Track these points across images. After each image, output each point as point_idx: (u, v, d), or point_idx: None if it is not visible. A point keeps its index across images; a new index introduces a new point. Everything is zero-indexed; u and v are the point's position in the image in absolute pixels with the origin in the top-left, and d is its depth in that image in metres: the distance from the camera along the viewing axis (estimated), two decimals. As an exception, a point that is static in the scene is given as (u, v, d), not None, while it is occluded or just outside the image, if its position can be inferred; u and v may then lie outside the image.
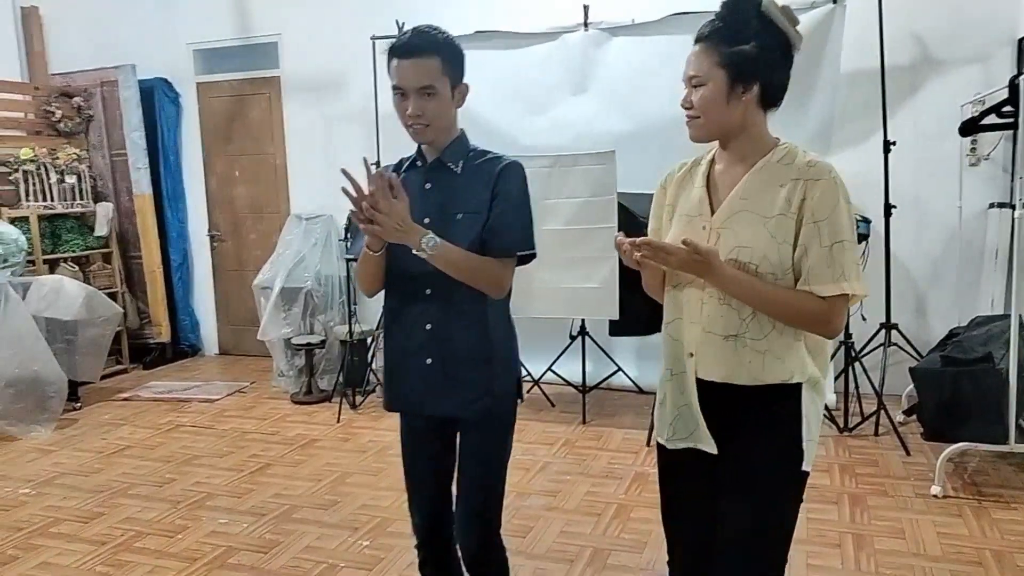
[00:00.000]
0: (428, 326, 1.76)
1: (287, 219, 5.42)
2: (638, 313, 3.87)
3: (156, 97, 5.81)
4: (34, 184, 5.27)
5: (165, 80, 5.87)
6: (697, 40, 1.47)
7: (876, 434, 3.77)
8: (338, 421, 4.33)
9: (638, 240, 1.41)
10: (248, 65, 5.74)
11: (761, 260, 1.41)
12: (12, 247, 4.56)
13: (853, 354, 3.82)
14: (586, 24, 4.50)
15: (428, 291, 1.74)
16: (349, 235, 4.54)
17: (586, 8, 4.47)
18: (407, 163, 1.83)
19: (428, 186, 1.75)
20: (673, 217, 1.59)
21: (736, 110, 1.43)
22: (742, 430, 1.50)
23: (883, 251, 3.94)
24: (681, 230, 1.54)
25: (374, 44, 4.75)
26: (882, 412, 3.76)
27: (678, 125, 1.57)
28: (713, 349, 1.48)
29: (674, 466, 1.62)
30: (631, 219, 3.84)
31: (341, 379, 4.69)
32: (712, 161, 1.56)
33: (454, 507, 1.85)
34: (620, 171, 3.87)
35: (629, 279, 3.84)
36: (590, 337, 4.30)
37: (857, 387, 3.86)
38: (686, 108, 1.47)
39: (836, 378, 4.04)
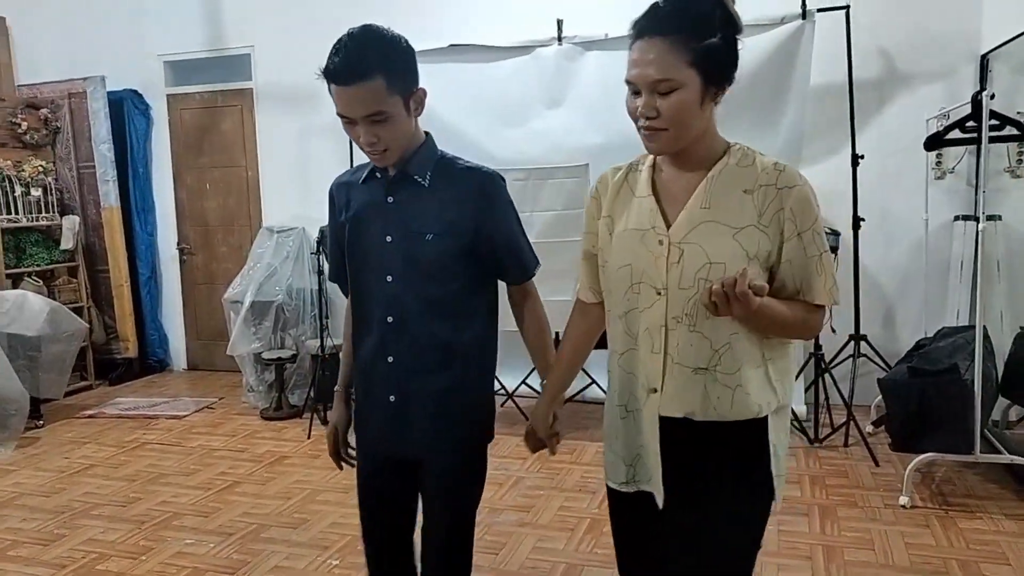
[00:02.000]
0: (390, 359, 1.60)
1: (258, 232, 5.36)
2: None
3: (126, 109, 5.74)
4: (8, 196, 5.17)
5: (135, 91, 5.80)
6: (651, 32, 1.22)
7: (846, 445, 3.80)
8: (308, 437, 4.27)
9: (738, 288, 1.14)
10: (220, 77, 5.69)
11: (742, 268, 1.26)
12: (-26, 261, 4.46)
13: (823, 365, 3.86)
14: (560, 38, 4.52)
15: (389, 319, 1.58)
16: (322, 248, 4.50)
17: (560, 22, 4.50)
18: (365, 172, 1.63)
19: (391, 200, 1.58)
20: (614, 232, 1.40)
21: (706, 115, 1.26)
22: (703, 471, 1.35)
23: (852, 263, 3.98)
24: (633, 246, 1.35)
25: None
26: (851, 423, 3.79)
27: None
28: (680, 384, 1.31)
29: (630, 510, 1.46)
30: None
31: (312, 394, 4.63)
32: (654, 166, 1.38)
33: (416, 547, 1.72)
34: (592, 183, 3.88)
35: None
36: (564, 350, 4.29)
37: (827, 398, 3.89)
38: (649, 118, 1.24)
39: (807, 389, 4.07)
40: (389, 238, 1.56)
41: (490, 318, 1.68)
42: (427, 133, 1.62)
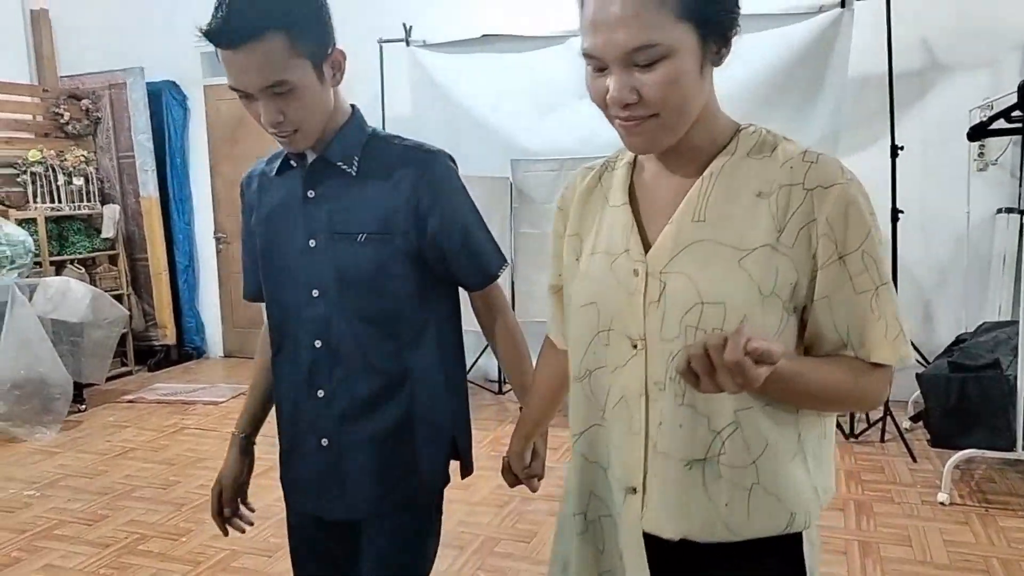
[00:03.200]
0: (319, 394, 1.28)
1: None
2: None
3: (164, 100, 5.83)
4: (42, 186, 5.29)
5: (173, 83, 5.89)
6: None
7: (882, 440, 3.75)
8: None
9: (729, 356, 0.73)
10: (255, 68, 5.75)
11: (738, 324, 0.85)
12: (19, 248, 4.58)
13: (860, 360, 3.81)
14: (592, 28, 4.50)
15: (317, 344, 1.26)
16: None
17: (592, 12, 4.47)
18: (279, 161, 1.31)
19: (311, 195, 1.26)
20: (581, 255, 1.02)
21: (706, 86, 0.89)
22: None
23: (890, 256, 3.92)
24: (600, 278, 0.96)
25: (381, 48, 4.76)
26: (888, 418, 3.74)
27: None
28: (670, 484, 0.91)
29: None
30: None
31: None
32: (635, 163, 1.00)
33: None
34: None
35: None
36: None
37: (863, 393, 3.84)
38: (628, 104, 0.85)
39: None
40: (312, 243, 1.25)
41: (447, 334, 1.36)
42: (353, 107, 1.29)
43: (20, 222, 4.96)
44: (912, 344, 3.97)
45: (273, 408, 1.42)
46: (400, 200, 1.23)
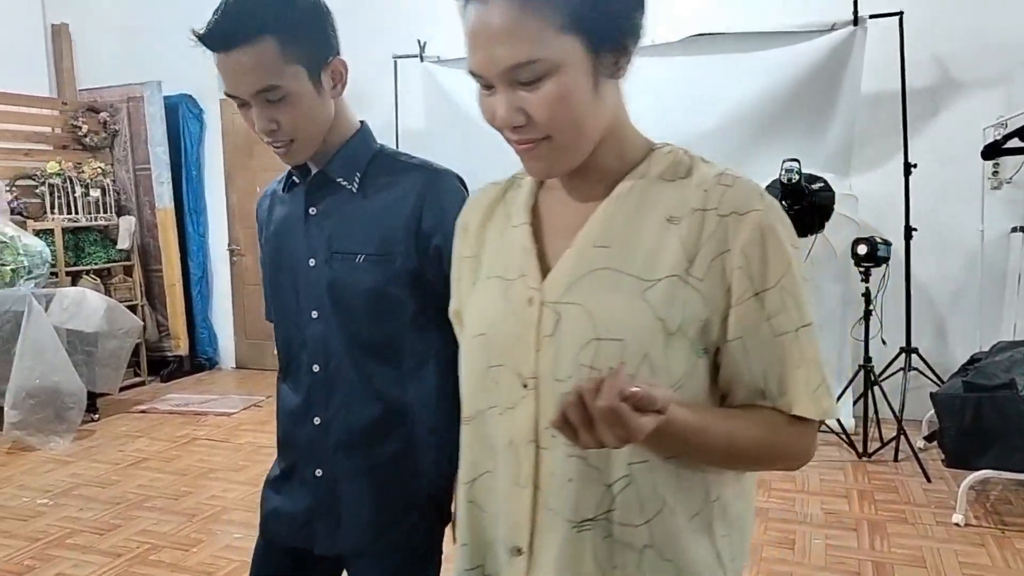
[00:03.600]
0: (316, 420, 1.23)
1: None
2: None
3: (180, 113, 5.90)
4: (59, 197, 5.35)
5: (189, 96, 5.96)
6: None
7: (896, 460, 3.72)
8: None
9: (602, 403, 0.65)
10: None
11: (638, 364, 0.76)
12: (36, 259, 4.64)
13: (872, 378, 3.78)
14: (606, 45, 4.53)
15: (315, 367, 1.22)
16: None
17: (606, 29, 4.50)
18: (286, 180, 1.29)
19: (312, 212, 1.22)
20: (478, 279, 0.93)
21: (608, 101, 0.80)
22: None
23: (903, 275, 3.90)
24: (493, 305, 0.87)
25: (396, 63, 4.81)
26: (902, 438, 3.71)
27: (698, 144, 1.26)
28: (556, 545, 0.81)
29: None
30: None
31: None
32: (540, 180, 0.91)
33: None
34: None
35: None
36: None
37: (876, 412, 3.81)
38: (517, 127, 0.78)
39: (855, 403, 4.00)
40: (312, 261, 1.21)
41: (452, 364, 1.20)
42: (363, 122, 1.26)
43: (38, 232, 5.02)
44: (925, 362, 3.96)
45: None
46: (401, 219, 1.17)
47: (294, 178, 1.26)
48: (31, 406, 4.18)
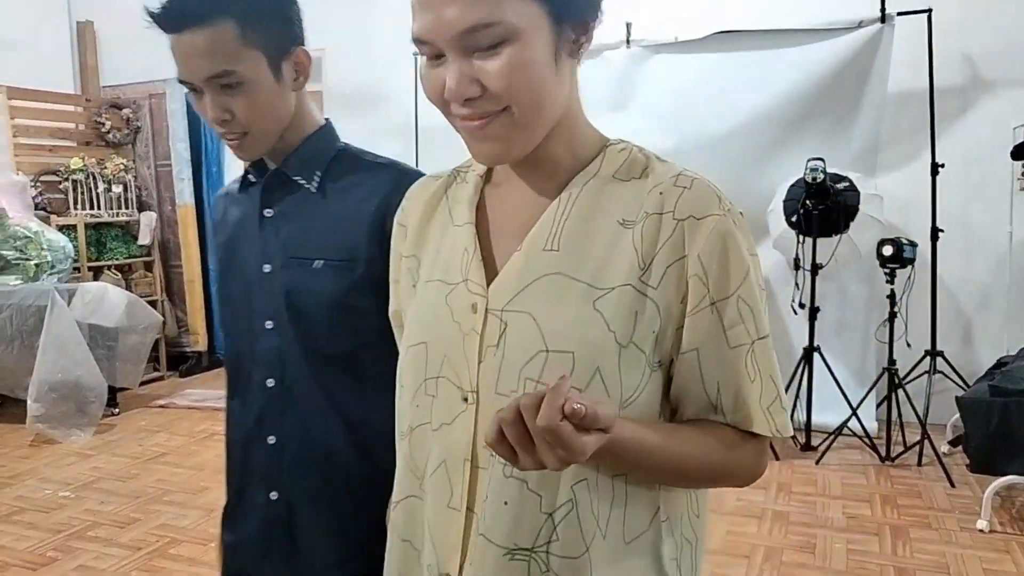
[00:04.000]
0: (270, 439, 1.13)
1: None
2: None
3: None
4: (82, 193, 5.40)
5: (211, 93, 5.99)
6: None
7: (919, 464, 3.66)
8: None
9: (542, 421, 0.59)
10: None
11: (589, 379, 0.71)
12: (59, 254, 4.68)
13: (896, 381, 3.73)
14: (628, 41, 4.50)
15: (270, 382, 1.12)
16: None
17: (628, 26, 4.47)
18: (242, 179, 1.21)
19: (268, 213, 1.13)
20: (418, 282, 0.87)
21: (564, 82, 0.74)
22: None
23: (929, 276, 3.84)
24: (434, 311, 0.81)
25: (415, 58, 4.79)
26: (926, 442, 3.65)
27: (722, 141, 1.21)
28: (487, 573, 0.75)
29: None
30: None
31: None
32: (487, 175, 0.85)
33: None
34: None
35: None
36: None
37: (900, 415, 3.75)
38: (469, 99, 0.70)
39: (878, 405, 3.94)
40: (267, 267, 1.12)
41: None
42: (327, 120, 1.18)
43: (61, 228, 5.08)
44: (950, 365, 3.90)
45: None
46: (365, 222, 1.08)
47: (250, 176, 1.17)
48: (53, 400, 4.23)
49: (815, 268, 3.74)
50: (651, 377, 0.75)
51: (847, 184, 3.77)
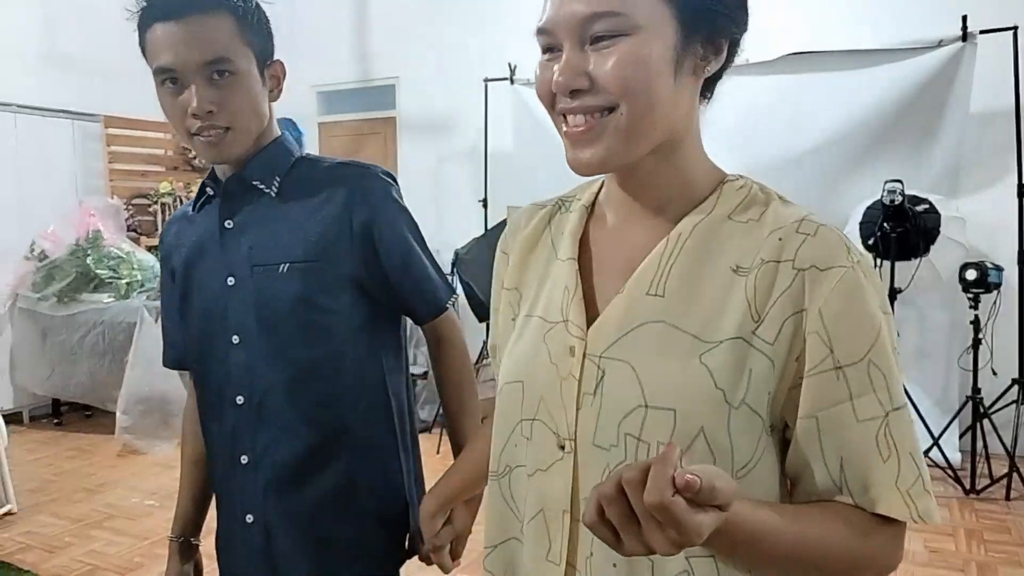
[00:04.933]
0: (244, 459, 1.10)
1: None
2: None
3: (282, 136, 6.18)
4: (170, 215, 5.68)
5: (290, 120, 6.23)
6: None
7: (1008, 499, 3.48)
8: (437, 452, 4.39)
9: (650, 499, 0.51)
10: (367, 106, 6.04)
11: (691, 440, 0.66)
12: (148, 273, 4.93)
13: (982, 410, 3.57)
14: (697, 65, 4.50)
15: (239, 400, 1.09)
16: (455, 270, 4.65)
17: (697, 49, 4.47)
18: (196, 199, 1.18)
19: (229, 225, 1.11)
20: (517, 316, 0.82)
21: (682, 100, 0.69)
22: None
23: (1016, 302, 3.67)
24: (533, 350, 0.76)
25: (486, 86, 4.91)
26: (1015, 475, 3.48)
27: (795, 163, 1.12)
28: None
29: None
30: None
31: (442, 410, 4.76)
32: (592, 207, 0.80)
33: None
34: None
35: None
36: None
37: (985, 446, 3.59)
38: (576, 91, 0.67)
39: (961, 436, 3.78)
40: (231, 280, 1.09)
41: (395, 382, 1.17)
42: (284, 132, 1.16)
43: (149, 248, 5.35)
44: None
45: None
46: (330, 219, 1.07)
47: (208, 190, 1.15)
48: (140, 412, 4.43)
49: (893, 293, 3.63)
50: (767, 445, 0.68)
51: (927, 206, 3.66)
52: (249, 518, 1.11)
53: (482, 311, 4.17)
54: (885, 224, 3.58)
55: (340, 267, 1.07)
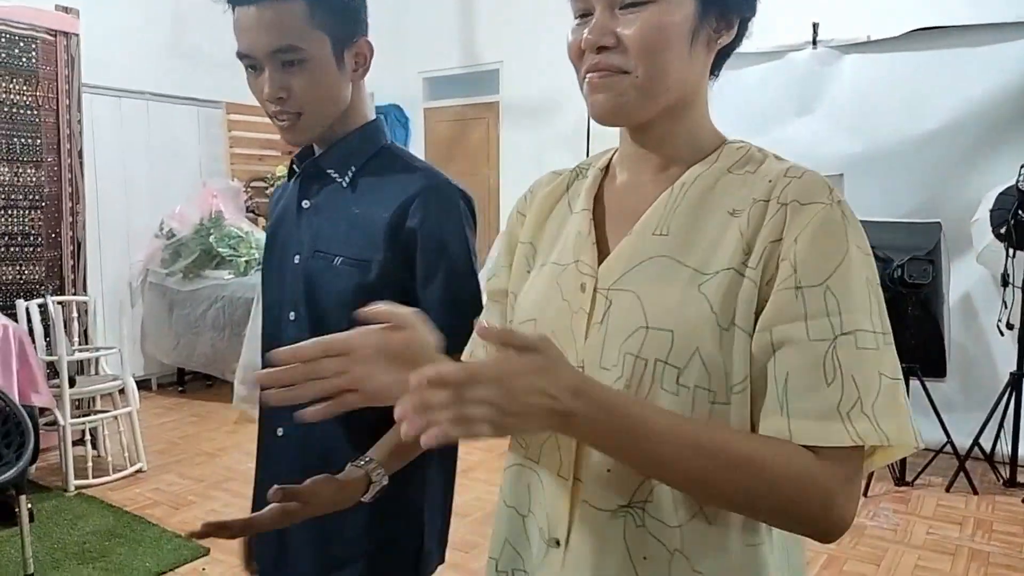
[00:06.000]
0: (279, 431, 1.15)
1: (495, 238, 5.67)
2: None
3: (388, 121, 6.32)
4: (284, 198, 5.95)
5: (397, 106, 6.40)
6: None
7: None
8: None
9: (424, 376, 0.59)
10: (471, 91, 6.12)
11: (688, 359, 0.71)
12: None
13: None
14: (815, 42, 4.30)
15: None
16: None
17: (815, 26, 4.27)
18: (288, 170, 1.20)
19: (305, 205, 1.13)
20: (533, 266, 0.88)
21: (695, 67, 0.77)
22: None
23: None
24: (545, 291, 0.83)
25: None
26: None
27: (919, 147, 1.07)
28: (592, 536, 0.76)
29: None
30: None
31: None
32: (608, 167, 0.88)
33: None
34: (847, 196, 3.64)
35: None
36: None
37: None
38: (603, 48, 0.75)
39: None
40: (297, 258, 1.12)
41: None
42: (378, 117, 1.15)
43: (266, 228, 5.62)
44: None
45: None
46: (382, 223, 1.05)
47: (295, 166, 1.17)
48: (255, 384, 4.67)
49: (1027, 284, 3.38)
50: (745, 359, 0.71)
51: (1069, 192, 3.38)
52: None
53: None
54: (1020, 211, 3.33)
55: (383, 271, 1.06)
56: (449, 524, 1.22)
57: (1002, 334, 3.51)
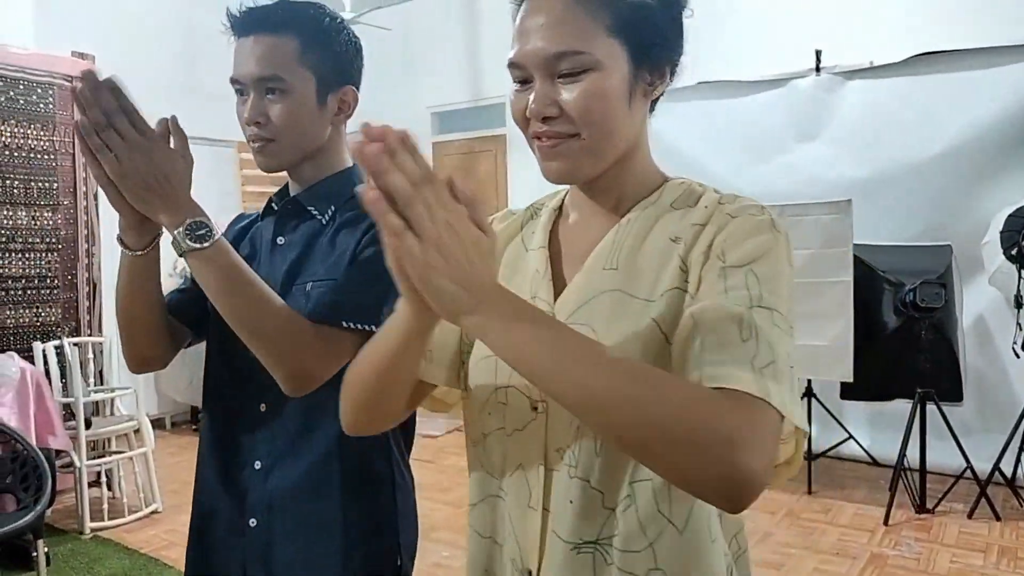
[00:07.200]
0: (257, 464, 1.13)
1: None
2: (871, 375, 3.57)
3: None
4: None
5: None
6: None
7: None
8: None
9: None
10: (478, 124, 6.18)
11: None
12: (277, 289, 5.23)
13: None
14: (818, 68, 4.33)
15: (263, 406, 1.12)
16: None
17: (818, 52, 4.31)
18: (265, 207, 1.23)
19: (280, 241, 1.16)
20: None
21: (636, 120, 0.81)
22: None
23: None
24: None
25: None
26: None
27: (926, 169, 1.13)
28: (559, 568, 0.79)
29: None
30: (869, 273, 3.58)
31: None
32: (560, 208, 0.91)
33: None
34: (856, 221, 3.64)
35: (863, 337, 3.56)
36: (816, 399, 4.02)
37: None
38: (548, 118, 0.77)
39: None
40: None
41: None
42: (356, 164, 1.13)
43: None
44: None
45: None
46: (352, 243, 1.08)
47: (272, 204, 1.21)
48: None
49: (1041, 306, 3.35)
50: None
51: (1080, 213, 3.37)
52: (252, 522, 1.13)
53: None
54: (1029, 234, 3.32)
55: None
56: (418, 537, 1.25)
57: (1018, 356, 3.48)
